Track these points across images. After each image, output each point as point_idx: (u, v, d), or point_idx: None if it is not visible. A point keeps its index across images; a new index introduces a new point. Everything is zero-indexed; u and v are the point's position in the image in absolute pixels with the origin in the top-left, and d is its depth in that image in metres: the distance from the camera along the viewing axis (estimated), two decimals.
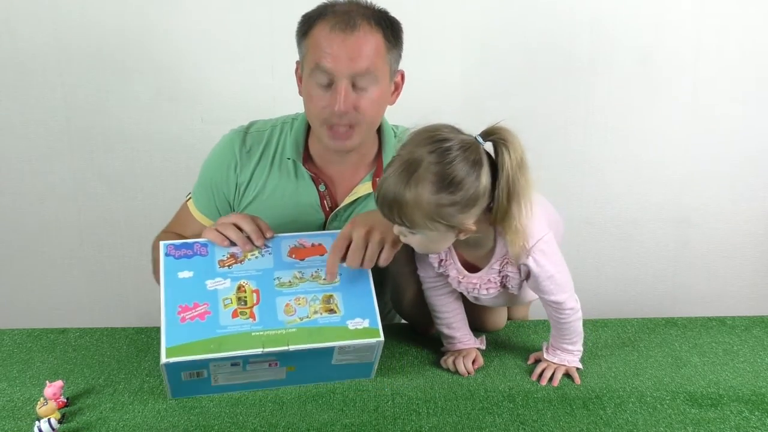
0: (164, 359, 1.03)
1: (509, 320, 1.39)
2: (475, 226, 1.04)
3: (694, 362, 1.24)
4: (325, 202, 1.34)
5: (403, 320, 1.45)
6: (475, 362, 1.21)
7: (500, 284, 1.16)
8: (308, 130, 1.35)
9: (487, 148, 1.03)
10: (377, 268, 1.14)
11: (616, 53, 1.98)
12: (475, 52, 1.98)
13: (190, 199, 1.41)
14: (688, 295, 2.20)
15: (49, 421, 1.01)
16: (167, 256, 1.14)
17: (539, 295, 1.16)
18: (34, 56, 1.96)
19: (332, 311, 1.11)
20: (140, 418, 1.07)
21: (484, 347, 1.26)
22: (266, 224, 1.18)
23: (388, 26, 1.23)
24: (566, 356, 1.19)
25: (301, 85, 1.30)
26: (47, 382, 1.08)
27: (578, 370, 1.19)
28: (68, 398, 1.11)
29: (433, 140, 1.01)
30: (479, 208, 1.03)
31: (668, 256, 2.17)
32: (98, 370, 1.22)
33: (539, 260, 1.10)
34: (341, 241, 1.12)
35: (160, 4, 1.93)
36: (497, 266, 1.14)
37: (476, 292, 1.17)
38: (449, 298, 1.24)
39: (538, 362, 1.22)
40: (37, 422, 1.01)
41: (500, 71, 1.99)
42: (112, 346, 1.30)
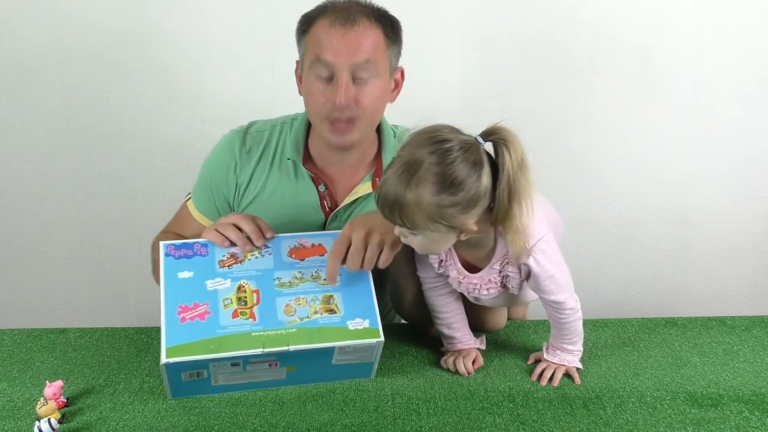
0: (164, 359, 1.03)
1: (508, 320, 1.39)
2: (476, 226, 1.04)
3: (694, 362, 1.24)
4: (324, 202, 1.34)
5: (403, 320, 1.45)
6: (475, 362, 1.21)
7: (501, 284, 1.16)
8: (308, 130, 1.35)
9: (487, 148, 1.03)
10: (377, 269, 1.14)
11: (616, 53, 1.98)
12: (475, 52, 1.98)
13: (189, 199, 1.41)
14: (688, 295, 2.19)
15: (49, 421, 1.01)
16: (167, 256, 1.14)
17: (539, 295, 1.16)
18: (34, 56, 1.96)
19: (332, 311, 1.11)
20: (140, 418, 1.07)
21: (484, 347, 1.26)
22: (266, 224, 1.18)
23: (387, 23, 1.24)
24: (566, 356, 1.19)
25: (300, 84, 1.30)
26: (47, 382, 1.08)
27: (578, 370, 1.19)
28: (68, 398, 1.11)
29: (433, 141, 1.01)
30: (480, 208, 1.03)
31: (668, 256, 2.16)
32: (98, 370, 1.22)
33: (540, 260, 1.10)
34: (340, 244, 1.12)
35: (160, 4, 1.93)
36: (498, 266, 1.14)
37: (477, 292, 1.17)
38: (449, 298, 1.24)
39: (538, 362, 1.22)
40: (37, 422, 1.01)
41: (500, 71, 1.99)
42: (112, 346, 1.30)
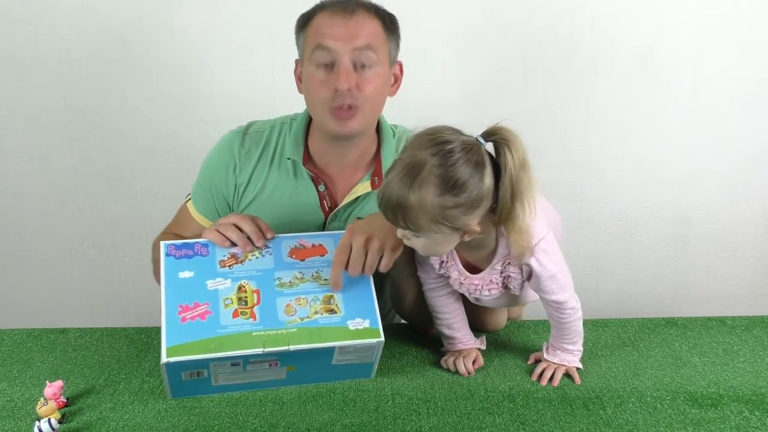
0: (164, 359, 1.03)
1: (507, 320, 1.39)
2: (479, 227, 1.04)
3: (694, 362, 1.24)
4: (324, 202, 1.34)
5: (403, 320, 1.45)
6: (475, 362, 1.21)
7: (502, 285, 1.16)
8: (308, 130, 1.35)
9: (488, 148, 1.03)
10: (378, 272, 1.14)
11: (616, 53, 1.98)
12: (475, 52, 1.98)
13: (189, 200, 1.41)
14: (688, 295, 2.19)
15: (49, 421, 1.01)
16: (168, 256, 1.14)
17: (540, 294, 1.16)
18: (34, 56, 1.96)
19: (333, 311, 1.11)
20: (140, 418, 1.07)
21: (484, 347, 1.26)
22: (267, 225, 1.18)
23: (385, 16, 1.27)
24: (566, 356, 1.19)
25: (300, 84, 1.30)
26: (47, 382, 1.08)
27: (578, 370, 1.19)
28: (68, 398, 1.11)
29: (434, 143, 1.00)
30: (483, 209, 1.03)
31: (668, 256, 2.16)
32: (98, 370, 1.21)
33: (541, 260, 1.10)
34: (342, 252, 1.12)
35: (159, 4, 1.93)
36: (499, 267, 1.14)
37: (478, 293, 1.17)
38: (450, 299, 1.23)
39: (538, 362, 1.22)
40: (37, 422, 1.01)
41: (500, 71, 1.99)
42: (112, 346, 1.30)
